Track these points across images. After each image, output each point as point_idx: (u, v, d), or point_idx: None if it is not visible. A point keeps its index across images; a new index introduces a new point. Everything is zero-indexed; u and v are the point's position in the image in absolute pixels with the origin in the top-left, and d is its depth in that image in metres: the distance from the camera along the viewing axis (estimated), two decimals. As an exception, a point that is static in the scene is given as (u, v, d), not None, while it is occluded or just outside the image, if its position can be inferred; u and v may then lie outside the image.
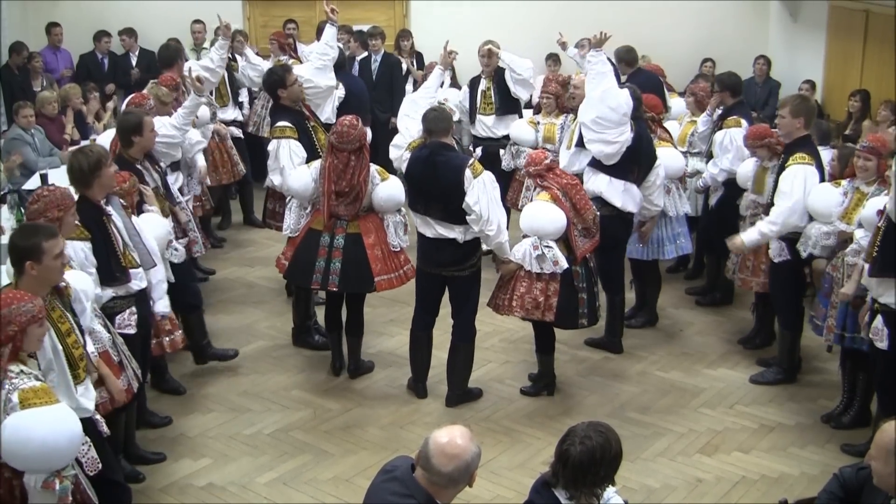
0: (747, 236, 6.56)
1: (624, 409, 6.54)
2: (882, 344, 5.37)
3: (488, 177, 6.13)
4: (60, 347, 4.37)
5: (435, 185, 6.13)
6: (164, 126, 7.03)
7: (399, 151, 6.70)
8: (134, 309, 5.53)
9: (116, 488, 4.77)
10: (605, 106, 6.73)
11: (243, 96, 10.48)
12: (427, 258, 6.37)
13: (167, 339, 6.15)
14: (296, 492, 5.63)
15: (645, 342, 7.53)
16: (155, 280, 5.87)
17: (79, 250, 5.23)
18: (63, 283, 4.57)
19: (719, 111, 8.04)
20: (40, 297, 4.33)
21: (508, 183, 9.05)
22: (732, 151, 7.62)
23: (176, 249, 6.34)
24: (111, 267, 5.37)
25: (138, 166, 6.43)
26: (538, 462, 5.69)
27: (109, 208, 5.52)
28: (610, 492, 3.78)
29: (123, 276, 5.53)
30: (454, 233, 6.21)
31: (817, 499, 4.07)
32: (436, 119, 6.27)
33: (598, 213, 6.63)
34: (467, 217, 6.10)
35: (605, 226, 6.78)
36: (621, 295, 7.33)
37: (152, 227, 6.00)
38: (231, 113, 10.06)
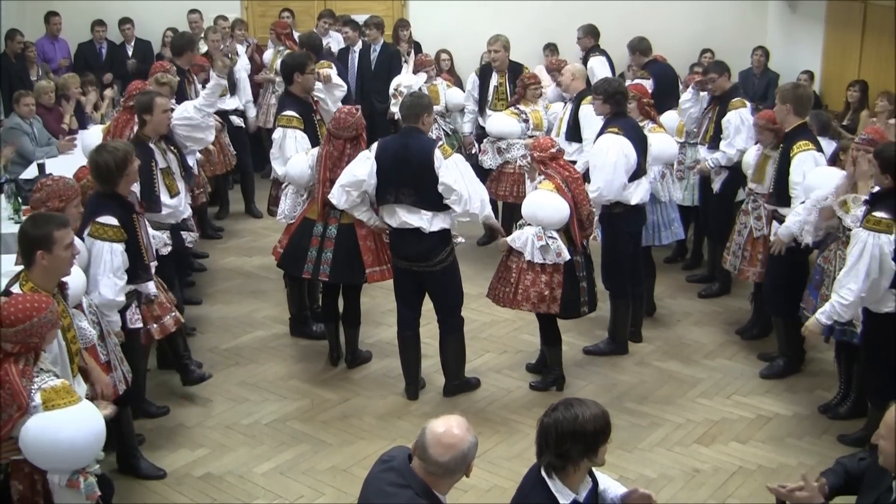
0: (782, 231, 6.45)
1: (621, 400, 6.55)
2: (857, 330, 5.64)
3: (459, 157, 6.14)
4: (64, 344, 4.39)
5: (406, 166, 6.04)
6: (185, 109, 7.03)
7: None
8: (136, 303, 5.53)
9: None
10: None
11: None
12: (396, 251, 6.32)
13: (155, 325, 6.04)
14: (293, 482, 5.64)
15: (642, 332, 7.52)
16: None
17: (118, 253, 5.22)
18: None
19: (706, 94, 8.04)
20: (49, 290, 4.35)
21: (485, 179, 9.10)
22: (745, 131, 7.58)
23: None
24: (136, 266, 5.37)
25: (151, 145, 6.43)
26: (535, 452, 5.68)
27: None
28: (609, 484, 3.77)
29: (146, 275, 5.52)
30: (421, 220, 6.10)
31: (830, 469, 4.06)
32: (407, 105, 6.21)
33: (611, 212, 6.78)
34: (447, 200, 6.03)
35: (619, 222, 6.84)
36: (627, 297, 7.17)
37: None
38: (231, 102, 10.08)
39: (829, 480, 3.91)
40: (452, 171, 6.00)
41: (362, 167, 6.17)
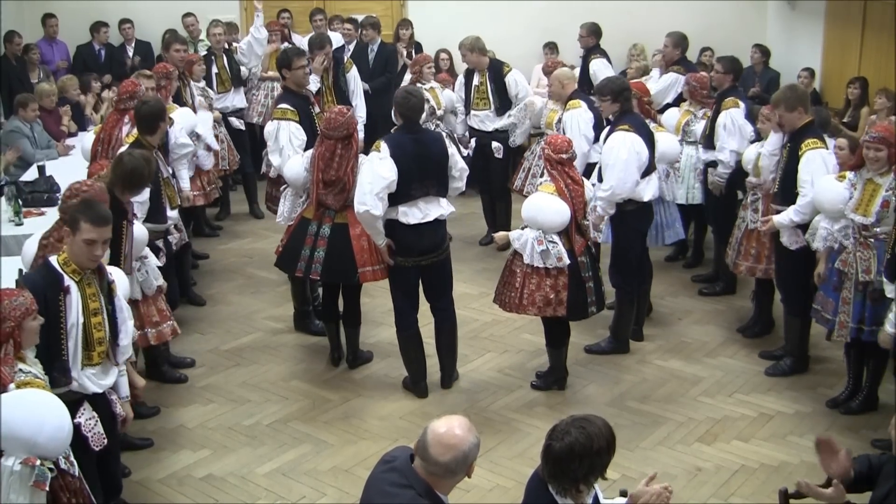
0: (779, 218, 6.43)
1: (623, 399, 6.54)
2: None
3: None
4: (82, 320, 4.43)
5: (428, 160, 6.17)
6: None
7: None
8: None
9: (111, 478, 4.76)
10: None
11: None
12: (409, 249, 6.27)
13: (152, 330, 6.14)
14: (295, 482, 5.63)
15: (644, 331, 7.50)
16: None
17: None
18: (111, 278, 4.67)
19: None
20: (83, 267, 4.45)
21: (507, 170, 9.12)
22: (736, 132, 7.60)
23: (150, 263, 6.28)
24: None
25: (155, 155, 6.45)
26: (537, 452, 5.54)
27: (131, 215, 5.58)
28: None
29: None
30: (441, 208, 6.29)
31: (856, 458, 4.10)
32: (408, 105, 6.25)
33: (623, 209, 6.78)
34: (459, 179, 6.35)
35: (630, 219, 6.83)
36: (632, 295, 7.12)
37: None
38: (233, 100, 10.09)
39: (856, 466, 3.98)
40: (456, 153, 6.33)
41: (386, 168, 6.04)
